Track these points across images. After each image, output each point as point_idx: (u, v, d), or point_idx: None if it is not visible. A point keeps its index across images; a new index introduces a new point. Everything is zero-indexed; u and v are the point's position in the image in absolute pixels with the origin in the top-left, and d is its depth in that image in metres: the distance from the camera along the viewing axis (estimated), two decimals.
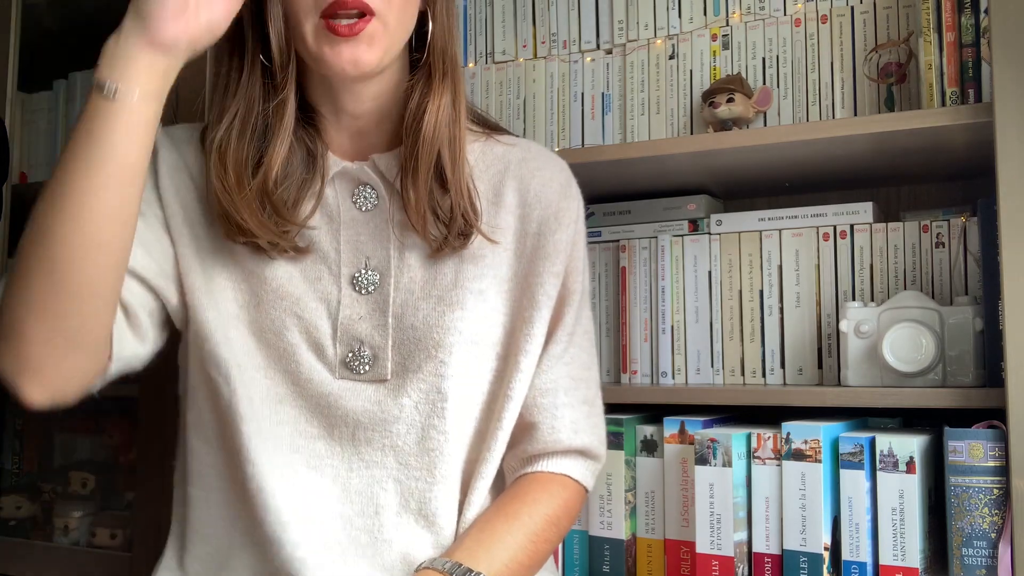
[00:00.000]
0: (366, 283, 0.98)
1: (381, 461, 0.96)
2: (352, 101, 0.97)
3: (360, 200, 0.99)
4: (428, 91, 0.96)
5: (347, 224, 0.99)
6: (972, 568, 1.09)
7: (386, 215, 0.99)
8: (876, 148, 1.24)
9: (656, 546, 1.29)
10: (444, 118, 0.96)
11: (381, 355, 0.96)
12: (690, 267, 1.40)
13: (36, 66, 1.86)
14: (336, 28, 0.88)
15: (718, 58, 1.40)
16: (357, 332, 0.97)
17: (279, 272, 0.97)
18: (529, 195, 1.02)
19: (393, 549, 0.95)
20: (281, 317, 0.96)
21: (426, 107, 0.95)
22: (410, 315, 0.97)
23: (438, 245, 0.97)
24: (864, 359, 1.23)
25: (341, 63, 0.89)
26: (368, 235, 0.99)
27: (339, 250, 0.98)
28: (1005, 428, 1.07)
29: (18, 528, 1.72)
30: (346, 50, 0.89)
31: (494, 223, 1.00)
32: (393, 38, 0.92)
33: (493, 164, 1.03)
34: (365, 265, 0.98)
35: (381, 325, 0.97)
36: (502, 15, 1.55)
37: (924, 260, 1.29)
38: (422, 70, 0.98)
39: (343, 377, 0.97)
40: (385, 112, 0.99)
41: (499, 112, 1.52)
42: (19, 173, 1.83)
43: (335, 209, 0.99)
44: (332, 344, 0.97)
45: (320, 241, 0.98)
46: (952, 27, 1.20)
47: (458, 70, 0.99)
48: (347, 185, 0.99)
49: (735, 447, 1.20)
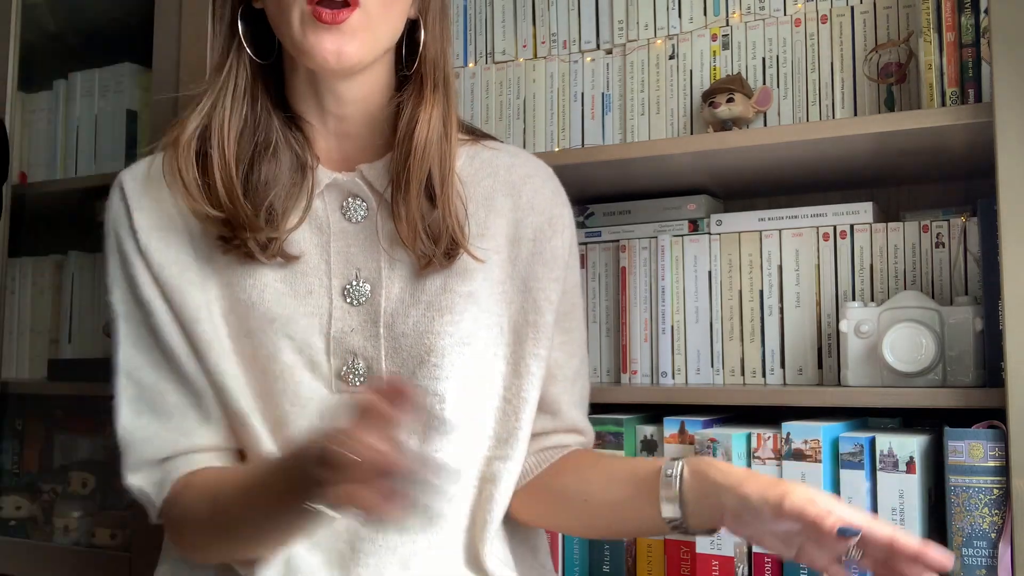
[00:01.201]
0: (357, 294, 0.97)
1: None
2: (335, 102, 0.97)
3: (350, 212, 0.99)
4: (420, 102, 0.97)
5: (337, 236, 0.98)
6: (972, 568, 1.09)
7: (375, 227, 0.98)
8: (876, 148, 1.24)
9: (656, 546, 1.29)
10: (435, 132, 0.96)
11: (375, 366, 0.96)
12: (690, 267, 1.40)
13: (36, 66, 1.86)
14: (320, 14, 0.89)
15: (718, 58, 1.40)
16: (350, 345, 0.96)
17: (267, 294, 0.96)
18: (522, 200, 1.03)
19: (396, 554, 0.95)
20: (273, 340, 0.96)
21: (418, 118, 0.96)
22: (400, 323, 0.97)
23: (426, 261, 0.97)
24: (864, 359, 1.23)
25: (324, 52, 0.90)
26: (358, 247, 0.98)
27: (329, 262, 0.98)
28: (1005, 428, 1.07)
29: (18, 528, 1.72)
30: (329, 40, 0.90)
31: (484, 229, 1.00)
32: (377, 32, 0.92)
33: (481, 169, 1.03)
34: (356, 276, 0.98)
35: (373, 336, 0.96)
36: (502, 15, 1.55)
37: (924, 260, 1.29)
38: (414, 81, 0.98)
39: (340, 391, 0.96)
40: (371, 117, 0.99)
41: (499, 112, 1.52)
42: (19, 173, 1.83)
43: (324, 221, 0.98)
44: (326, 359, 0.96)
45: (310, 253, 0.98)
46: (952, 27, 1.20)
47: (451, 85, 1.00)
48: (336, 197, 0.99)
49: (735, 447, 1.20)
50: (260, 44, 0.98)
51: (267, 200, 0.95)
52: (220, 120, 0.95)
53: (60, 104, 1.83)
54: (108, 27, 1.90)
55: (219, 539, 0.92)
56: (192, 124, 0.96)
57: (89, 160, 1.79)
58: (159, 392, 0.96)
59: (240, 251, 0.95)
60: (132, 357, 0.97)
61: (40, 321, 1.85)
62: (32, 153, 1.85)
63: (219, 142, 0.94)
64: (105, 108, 1.79)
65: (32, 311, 1.86)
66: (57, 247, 1.86)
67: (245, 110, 0.96)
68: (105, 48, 1.84)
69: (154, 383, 0.96)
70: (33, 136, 1.85)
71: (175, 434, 0.96)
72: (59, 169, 1.82)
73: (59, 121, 1.83)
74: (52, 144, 1.83)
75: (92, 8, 1.93)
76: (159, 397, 0.96)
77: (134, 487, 0.96)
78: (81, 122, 1.81)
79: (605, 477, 1.01)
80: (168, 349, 0.96)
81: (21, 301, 1.86)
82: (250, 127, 0.97)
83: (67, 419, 1.81)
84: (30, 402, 1.86)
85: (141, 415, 0.96)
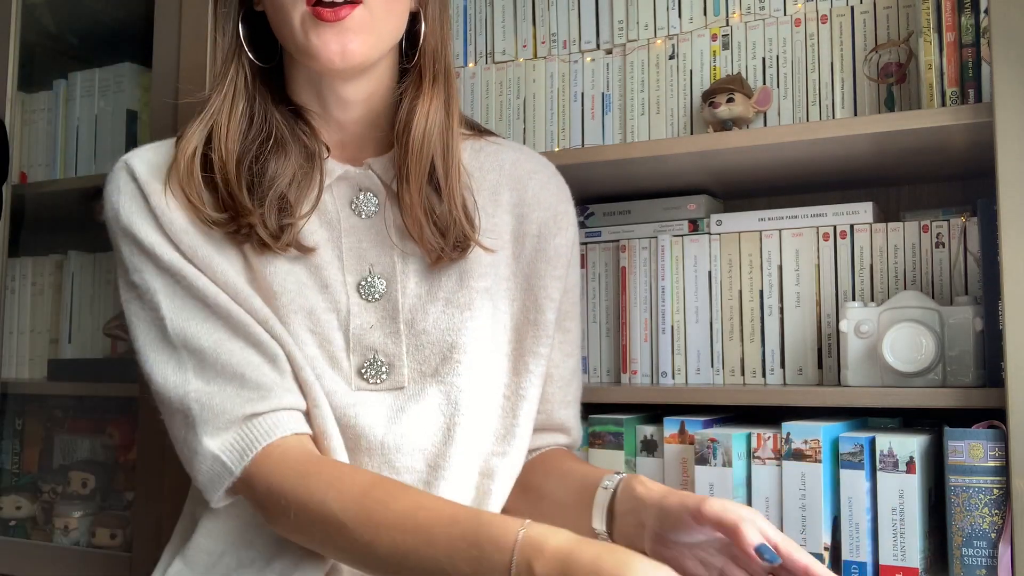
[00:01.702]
0: (373, 290, 0.97)
1: (411, 466, 0.95)
2: (339, 104, 0.96)
3: (360, 207, 0.98)
4: (418, 95, 0.96)
5: (347, 231, 0.97)
6: (972, 568, 1.09)
7: (385, 221, 0.98)
8: (876, 148, 1.24)
9: None
10: (435, 125, 0.95)
11: (397, 363, 0.95)
12: (690, 267, 1.40)
13: (36, 66, 1.86)
14: (322, 13, 0.87)
15: (718, 58, 1.40)
16: (370, 342, 0.96)
17: (289, 283, 0.94)
18: (527, 195, 1.02)
19: None
20: (298, 332, 0.94)
21: (416, 111, 0.95)
22: (420, 320, 0.96)
23: (436, 256, 0.96)
24: (864, 359, 1.23)
25: (329, 52, 0.89)
26: (370, 242, 0.98)
27: (342, 258, 0.97)
28: (1005, 428, 1.07)
29: (18, 528, 1.73)
30: (333, 39, 0.88)
31: (492, 222, 1.00)
32: (381, 29, 0.91)
33: (487, 163, 1.03)
34: (370, 272, 0.97)
35: (393, 332, 0.96)
36: (502, 15, 1.54)
37: (924, 260, 1.29)
38: (413, 73, 0.97)
39: (359, 388, 0.95)
40: (374, 118, 0.98)
41: (499, 112, 1.52)
42: (19, 173, 1.83)
43: (334, 216, 0.97)
44: (346, 355, 0.95)
45: (323, 247, 0.96)
46: (952, 27, 1.20)
47: (451, 77, 0.98)
48: (346, 191, 0.98)
49: (735, 447, 1.20)
50: (261, 48, 0.97)
51: (277, 191, 0.93)
52: (222, 123, 0.93)
53: (60, 104, 1.83)
54: (108, 27, 1.90)
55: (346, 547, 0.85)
56: (196, 138, 0.93)
57: (89, 160, 1.79)
58: (227, 352, 0.90)
59: (253, 240, 0.92)
60: (183, 327, 0.90)
61: (40, 321, 1.85)
62: (32, 153, 1.85)
63: (220, 143, 0.93)
64: (105, 108, 1.79)
65: (32, 311, 1.86)
66: (57, 247, 1.86)
67: (247, 109, 0.95)
68: (105, 48, 1.85)
69: (215, 347, 0.90)
70: (33, 136, 1.85)
71: (253, 392, 0.89)
72: (59, 169, 1.82)
73: (59, 121, 1.83)
74: (52, 144, 1.83)
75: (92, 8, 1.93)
76: (227, 358, 0.90)
77: (208, 454, 0.88)
78: (81, 122, 1.81)
79: (561, 479, 1.01)
80: (223, 308, 0.91)
81: (21, 301, 1.86)
82: (256, 126, 0.95)
83: (67, 419, 1.81)
84: (30, 402, 1.86)
85: (209, 382, 0.89)
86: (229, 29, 0.96)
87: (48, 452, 1.81)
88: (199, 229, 0.93)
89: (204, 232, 0.93)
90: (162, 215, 0.92)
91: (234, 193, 0.91)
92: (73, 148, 1.81)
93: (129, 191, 0.94)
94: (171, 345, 0.91)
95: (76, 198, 1.75)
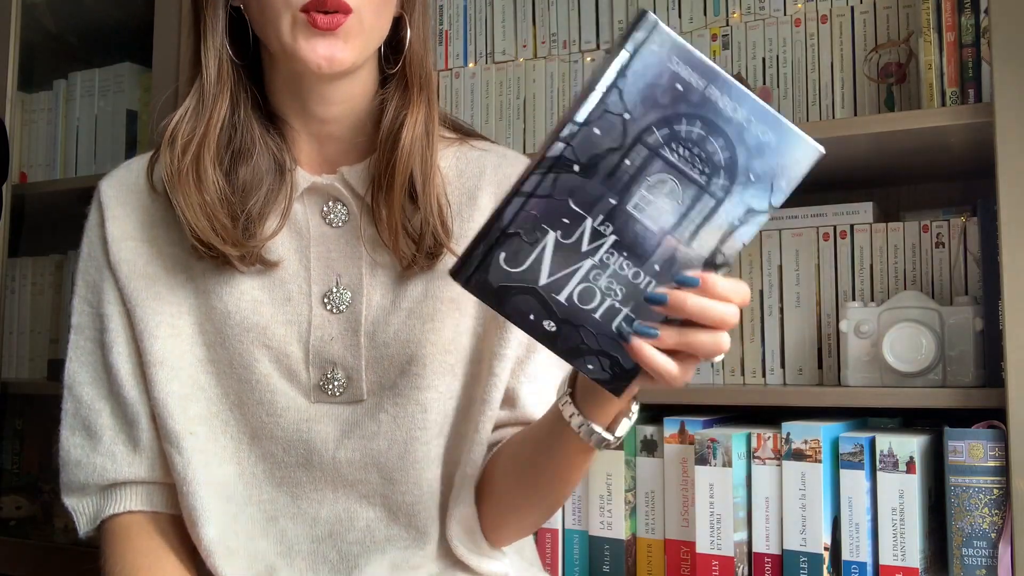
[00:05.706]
0: (338, 301, 0.95)
1: (365, 479, 0.95)
2: (320, 104, 0.95)
3: (331, 216, 0.97)
4: (405, 103, 0.95)
5: (316, 241, 0.96)
6: (972, 568, 1.09)
7: (357, 231, 0.96)
8: (876, 148, 1.24)
9: (656, 546, 1.29)
10: (419, 134, 0.94)
11: (355, 376, 0.95)
12: None
13: (36, 66, 1.86)
14: (317, 21, 0.86)
15: (718, 58, 1.40)
16: (329, 354, 0.95)
17: (243, 302, 0.94)
18: None
19: (385, 557, 0.94)
20: (249, 350, 0.94)
21: (403, 120, 0.93)
22: (381, 332, 0.95)
23: (408, 263, 0.94)
24: (864, 359, 1.23)
25: (316, 58, 0.87)
26: (339, 252, 0.96)
27: (309, 268, 0.96)
28: (1005, 428, 1.07)
29: (18, 528, 1.73)
30: (321, 45, 0.87)
31: (467, 227, 0.98)
32: (368, 37, 0.91)
33: (468, 168, 1.01)
34: (336, 283, 0.96)
35: (353, 345, 0.95)
36: (502, 15, 1.55)
37: (924, 260, 1.29)
38: (398, 80, 0.96)
39: (319, 401, 0.95)
40: (354, 119, 0.97)
41: (499, 112, 1.52)
42: (19, 173, 1.84)
43: (304, 225, 0.96)
44: (305, 369, 0.95)
45: (289, 259, 0.96)
46: (952, 27, 1.20)
47: (432, 85, 0.97)
48: (317, 201, 0.97)
49: (735, 447, 1.20)
50: (235, 42, 0.95)
51: (245, 208, 0.92)
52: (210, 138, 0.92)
53: (60, 104, 1.83)
54: (108, 27, 1.90)
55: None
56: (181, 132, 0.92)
57: (89, 160, 1.79)
58: (94, 411, 0.96)
59: (218, 260, 0.93)
60: (76, 372, 0.97)
61: (40, 321, 1.85)
62: (32, 153, 1.85)
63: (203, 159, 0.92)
64: (105, 108, 1.79)
65: (32, 311, 1.86)
66: (57, 247, 1.86)
67: (224, 114, 0.93)
68: (105, 48, 1.85)
69: (91, 401, 0.96)
70: (33, 136, 1.85)
71: (104, 459, 0.95)
72: (59, 169, 1.82)
73: (59, 121, 1.83)
74: (52, 144, 1.83)
75: (92, 8, 1.93)
76: (93, 416, 0.95)
77: (68, 507, 0.97)
78: (81, 122, 1.81)
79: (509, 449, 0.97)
80: (112, 367, 0.95)
81: (21, 301, 1.86)
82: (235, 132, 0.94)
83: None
84: (30, 402, 1.86)
85: (75, 433, 0.96)
86: (220, 23, 0.94)
87: (48, 452, 1.81)
88: (151, 254, 0.96)
89: (154, 257, 0.96)
90: (112, 243, 0.97)
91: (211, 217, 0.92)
92: (73, 148, 1.81)
93: (91, 219, 1.00)
94: (64, 379, 0.98)
95: (76, 198, 1.74)
